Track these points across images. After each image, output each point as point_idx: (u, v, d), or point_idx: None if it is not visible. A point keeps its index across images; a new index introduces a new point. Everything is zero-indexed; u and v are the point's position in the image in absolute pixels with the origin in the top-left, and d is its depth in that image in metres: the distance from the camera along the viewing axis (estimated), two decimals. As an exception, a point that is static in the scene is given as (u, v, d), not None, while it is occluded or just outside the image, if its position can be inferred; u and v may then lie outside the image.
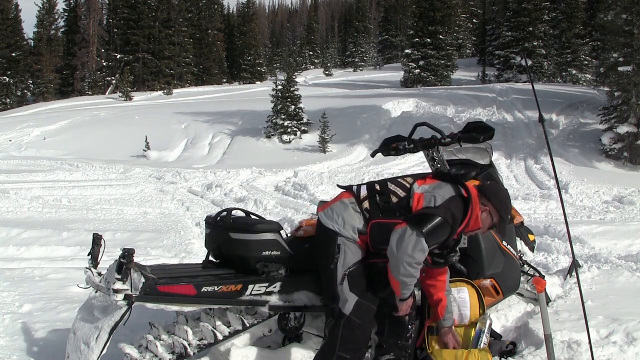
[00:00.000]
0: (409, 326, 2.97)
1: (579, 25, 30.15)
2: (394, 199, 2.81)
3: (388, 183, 2.89)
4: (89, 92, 39.08)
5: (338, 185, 3.12)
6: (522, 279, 3.73)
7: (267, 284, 2.99)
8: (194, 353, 2.90)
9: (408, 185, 2.84)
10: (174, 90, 37.08)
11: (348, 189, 2.97)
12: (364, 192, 2.89)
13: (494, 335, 3.37)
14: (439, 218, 2.66)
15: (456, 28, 41.15)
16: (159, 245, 6.39)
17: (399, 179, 2.91)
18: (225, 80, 48.85)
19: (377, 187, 2.88)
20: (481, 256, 3.38)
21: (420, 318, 3.18)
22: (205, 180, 12.12)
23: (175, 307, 2.87)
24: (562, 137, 15.75)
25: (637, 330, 3.34)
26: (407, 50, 32.74)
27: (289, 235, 3.27)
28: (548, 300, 3.81)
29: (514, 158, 13.96)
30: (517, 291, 3.75)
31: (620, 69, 13.76)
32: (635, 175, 12.95)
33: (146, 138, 17.95)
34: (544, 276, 3.88)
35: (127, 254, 2.62)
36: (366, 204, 2.84)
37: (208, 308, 3.05)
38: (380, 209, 2.81)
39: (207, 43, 48.51)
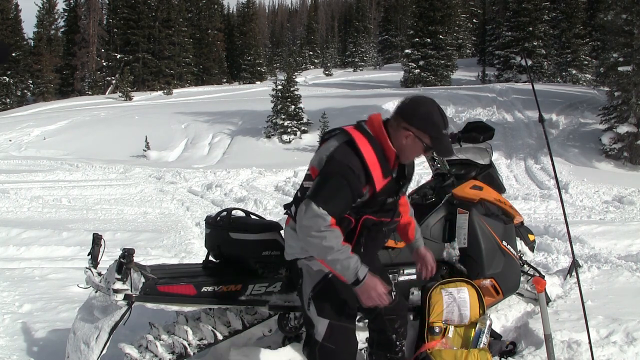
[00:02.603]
0: (397, 342, 2.79)
1: (579, 25, 30.14)
2: (305, 185, 2.53)
3: (304, 183, 2.56)
4: (89, 92, 39.11)
5: (284, 207, 2.75)
6: (522, 279, 3.73)
7: (267, 284, 2.99)
8: (194, 353, 2.90)
9: (307, 171, 2.55)
10: (174, 90, 37.10)
11: (287, 211, 2.67)
12: (293, 208, 2.57)
13: (494, 335, 3.38)
14: (326, 176, 2.33)
15: (456, 28, 41.16)
16: (159, 245, 6.39)
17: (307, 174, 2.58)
18: (225, 80, 48.88)
19: (299, 194, 2.55)
20: (481, 256, 3.38)
21: (420, 318, 3.18)
22: (205, 180, 12.12)
23: (175, 307, 2.87)
24: (562, 137, 15.75)
25: (637, 330, 3.34)
26: (407, 50, 32.73)
27: (289, 235, 3.26)
28: (548, 300, 3.81)
29: (514, 158, 13.96)
30: (517, 291, 3.76)
31: (620, 69, 13.76)
32: (635, 175, 12.94)
33: (146, 138, 17.95)
34: (544, 276, 3.88)
35: (127, 254, 2.62)
36: (293, 210, 2.56)
37: (208, 308, 3.05)
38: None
39: (207, 43, 48.53)
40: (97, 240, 2.88)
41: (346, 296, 2.48)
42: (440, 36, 31.05)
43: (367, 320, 2.90)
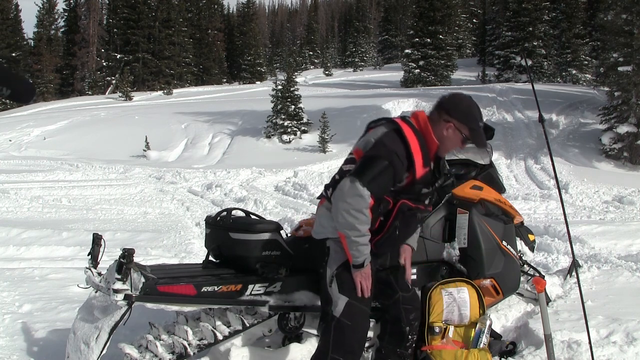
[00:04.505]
0: (409, 336, 2.88)
1: (579, 25, 30.15)
2: (346, 169, 2.71)
3: (343, 167, 2.74)
4: (89, 92, 39.11)
5: (318, 198, 2.97)
6: (522, 279, 3.73)
7: (267, 284, 2.98)
8: (194, 353, 2.90)
9: (350, 154, 2.74)
10: (174, 90, 37.09)
11: (321, 194, 2.88)
12: (330, 189, 2.78)
13: (494, 335, 3.37)
14: (372, 158, 2.54)
15: (456, 28, 41.13)
16: (159, 245, 6.39)
17: (348, 155, 2.79)
18: (225, 80, 48.89)
19: (337, 176, 2.75)
20: (481, 256, 3.38)
21: (420, 318, 3.17)
22: (205, 180, 12.12)
23: (175, 307, 2.87)
24: (562, 137, 15.75)
25: (637, 330, 3.34)
26: (407, 50, 32.73)
27: (289, 235, 3.27)
28: (548, 300, 3.81)
29: (514, 158, 13.96)
30: (517, 291, 3.75)
31: (620, 69, 13.76)
32: (635, 175, 12.95)
33: (146, 138, 17.95)
34: (544, 276, 3.88)
35: (127, 254, 2.61)
36: (330, 192, 2.74)
37: (208, 308, 3.05)
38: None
39: (207, 43, 48.55)
40: (97, 240, 2.87)
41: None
42: (440, 36, 31.04)
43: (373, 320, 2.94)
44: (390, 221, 2.67)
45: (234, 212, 3.14)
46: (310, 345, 3.19)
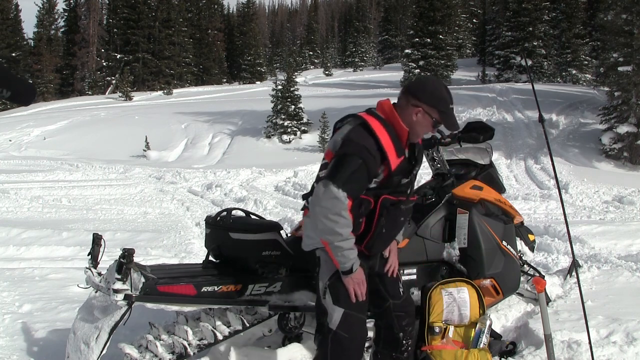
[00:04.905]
0: (404, 341, 2.83)
1: (579, 25, 30.14)
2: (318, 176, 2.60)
3: (319, 174, 2.62)
4: (89, 92, 39.11)
5: (303, 197, 2.84)
6: (522, 279, 3.73)
7: (267, 284, 2.98)
8: (194, 353, 2.90)
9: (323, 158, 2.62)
10: (174, 90, 37.11)
11: (304, 205, 2.80)
12: (309, 197, 2.67)
13: (494, 335, 3.37)
14: (343, 157, 2.41)
15: (456, 28, 41.12)
16: (159, 245, 6.39)
17: (323, 163, 2.65)
18: (225, 80, 48.89)
19: (315, 184, 2.62)
20: (481, 256, 3.38)
21: (420, 318, 3.17)
22: (205, 180, 12.12)
23: (175, 307, 2.87)
24: (562, 137, 15.75)
25: (637, 330, 3.34)
26: (407, 50, 32.72)
27: (289, 235, 3.27)
28: (548, 300, 3.81)
29: (514, 158, 13.96)
30: (517, 291, 3.75)
31: (620, 69, 13.76)
32: (635, 175, 12.94)
33: (146, 138, 17.96)
34: (544, 276, 3.88)
35: (127, 254, 2.61)
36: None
37: (208, 308, 3.05)
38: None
39: (207, 43, 48.55)
40: (97, 240, 2.87)
41: None
42: (440, 36, 31.03)
43: (372, 320, 2.92)
44: (376, 220, 2.54)
45: (234, 212, 3.14)
46: (310, 346, 3.19)
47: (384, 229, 2.57)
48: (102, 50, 41.78)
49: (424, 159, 3.68)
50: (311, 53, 59.86)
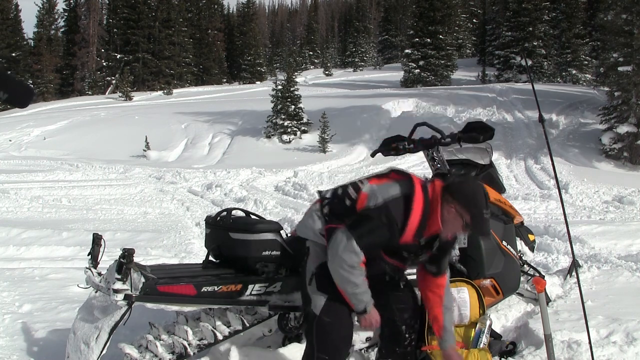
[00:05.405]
0: (407, 335, 2.88)
1: (579, 25, 30.15)
2: (348, 202, 2.72)
3: (349, 186, 2.78)
4: (89, 92, 39.08)
5: (317, 192, 3.02)
6: (522, 279, 3.73)
7: (267, 284, 2.99)
8: (194, 353, 2.90)
9: (360, 186, 2.73)
10: (174, 90, 37.08)
11: (320, 194, 2.93)
12: (328, 196, 2.84)
13: (494, 335, 3.37)
14: (372, 218, 2.56)
15: (456, 28, 41.13)
16: (159, 245, 6.39)
17: (359, 181, 2.78)
18: (225, 80, 48.85)
19: (339, 191, 2.79)
20: (481, 256, 3.37)
21: (420, 317, 3.17)
22: (205, 180, 12.12)
23: (175, 307, 2.87)
24: (562, 137, 15.76)
25: (637, 330, 3.34)
26: (407, 50, 32.72)
27: (289, 235, 3.27)
28: (548, 300, 3.81)
29: (514, 158, 13.96)
30: (517, 291, 3.75)
31: (620, 69, 13.76)
32: (635, 175, 12.95)
33: (146, 138, 17.95)
34: (544, 276, 3.88)
35: (127, 254, 2.61)
36: (326, 209, 2.81)
37: (208, 308, 3.05)
38: (334, 213, 2.75)
39: (207, 43, 48.52)
40: (97, 240, 2.88)
41: None
42: (440, 36, 31.04)
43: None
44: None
45: (234, 212, 3.14)
46: (310, 345, 3.19)
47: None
48: (102, 50, 41.74)
49: (424, 158, 3.71)
50: (311, 53, 59.84)
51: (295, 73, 25.80)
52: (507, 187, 5.07)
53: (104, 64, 41.50)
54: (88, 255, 2.92)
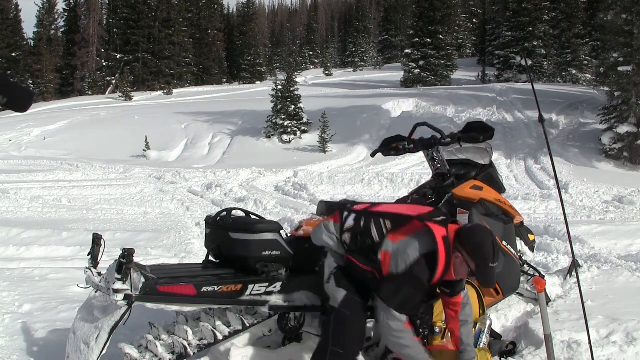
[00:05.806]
0: (421, 330, 2.99)
1: (579, 25, 30.15)
2: (369, 242, 2.77)
3: (372, 222, 2.80)
4: (89, 92, 39.09)
5: (327, 202, 3.12)
6: (522, 279, 3.73)
7: (267, 284, 2.98)
8: (194, 353, 2.90)
9: (385, 232, 2.75)
10: (174, 90, 37.09)
11: (338, 211, 2.95)
12: (349, 223, 2.86)
13: (494, 335, 3.37)
14: (404, 289, 2.63)
15: (456, 28, 41.14)
16: (159, 245, 6.39)
17: (381, 221, 2.79)
18: (225, 80, 48.86)
19: (362, 222, 2.82)
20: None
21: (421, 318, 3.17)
22: (205, 180, 12.12)
23: (175, 307, 2.87)
24: (562, 137, 15.76)
25: (637, 330, 3.34)
26: (407, 50, 32.72)
27: (289, 235, 3.27)
28: (548, 300, 3.81)
29: (514, 158, 13.96)
30: (517, 291, 3.75)
31: (620, 69, 13.77)
32: (635, 175, 12.96)
33: (146, 138, 17.95)
34: (544, 276, 3.88)
35: (127, 254, 2.61)
36: (346, 237, 2.85)
37: (208, 308, 3.05)
38: (357, 247, 2.82)
39: (207, 43, 48.52)
40: (97, 240, 2.87)
41: (361, 279, 2.83)
42: (440, 36, 31.04)
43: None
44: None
45: (234, 212, 3.14)
46: (310, 346, 3.19)
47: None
48: (102, 50, 41.75)
49: (424, 158, 3.71)
50: (311, 53, 59.84)
51: (295, 73, 25.79)
52: (507, 187, 5.07)
53: (104, 64, 41.51)
54: (88, 255, 2.92)
